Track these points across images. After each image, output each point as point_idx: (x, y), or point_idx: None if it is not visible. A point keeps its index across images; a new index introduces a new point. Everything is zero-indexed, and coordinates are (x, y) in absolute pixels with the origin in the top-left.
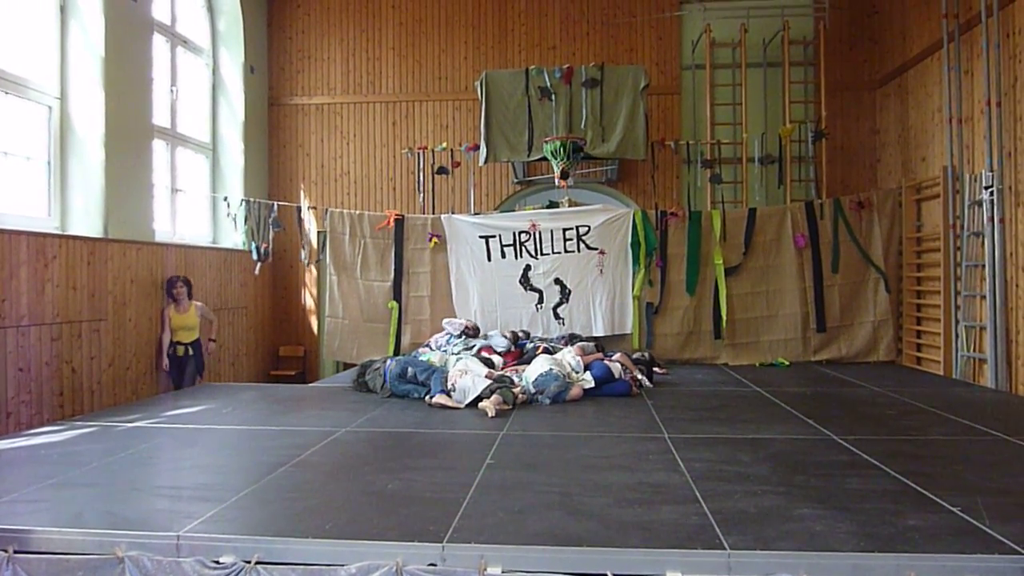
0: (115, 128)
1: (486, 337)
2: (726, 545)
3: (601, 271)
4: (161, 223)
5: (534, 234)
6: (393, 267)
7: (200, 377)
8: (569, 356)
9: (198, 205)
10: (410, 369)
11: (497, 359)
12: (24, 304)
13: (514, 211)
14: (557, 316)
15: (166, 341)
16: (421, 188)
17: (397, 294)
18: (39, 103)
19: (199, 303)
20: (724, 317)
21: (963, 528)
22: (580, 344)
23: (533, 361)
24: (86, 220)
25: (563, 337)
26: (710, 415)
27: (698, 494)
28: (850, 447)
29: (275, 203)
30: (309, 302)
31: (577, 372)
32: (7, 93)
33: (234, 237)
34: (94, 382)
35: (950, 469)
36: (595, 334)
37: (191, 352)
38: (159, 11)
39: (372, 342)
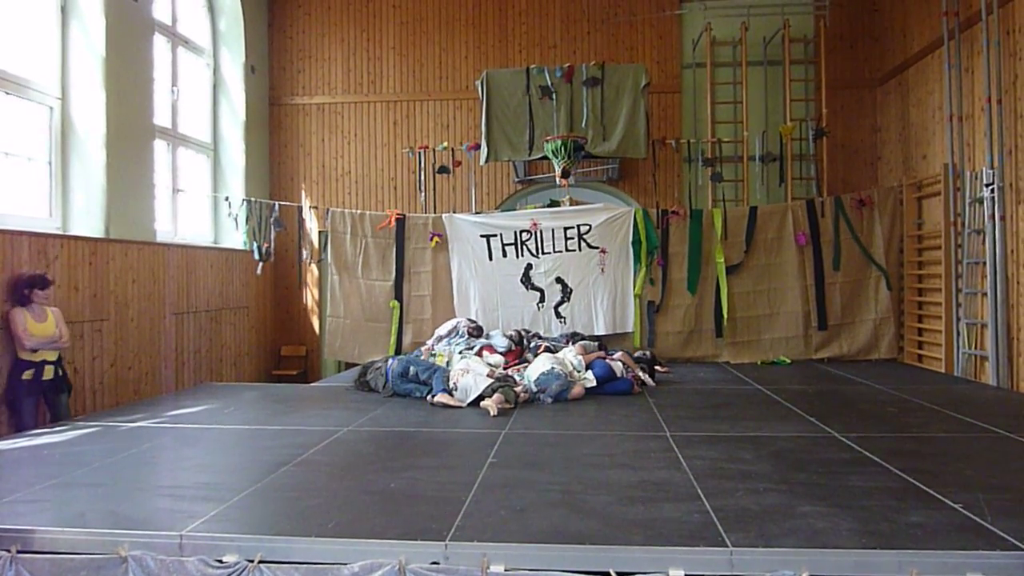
0: (116, 128)
1: (487, 336)
2: (728, 542)
3: (602, 270)
4: (162, 223)
5: (535, 233)
6: (394, 266)
7: (68, 401)
8: (571, 355)
9: (199, 205)
10: (412, 368)
11: (499, 358)
12: None
13: (515, 210)
14: (558, 315)
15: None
16: (422, 187)
17: (398, 293)
18: (40, 104)
19: (54, 309)
20: (725, 315)
21: (965, 525)
22: (582, 343)
23: (535, 360)
24: (87, 220)
25: (565, 336)
26: (712, 413)
27: (700, 492)
28: (852, 444)
29: (276, 203)
30: (310, 302)
31: (579, 371)
32: (8, 94)
33: (235, 237)
34: (96, 382)
35: (952, 466)
36: (596, 333)
37: (60, 372)
38: (160, 11)
39: (373, 341)
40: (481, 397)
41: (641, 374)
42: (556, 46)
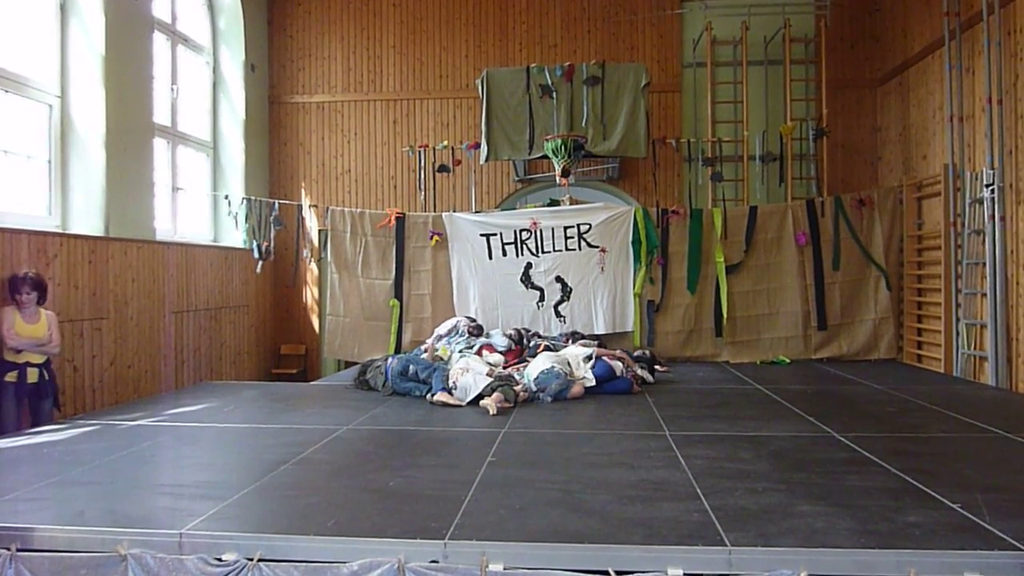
0: (116, 126)
1: (487, 335)
2: (727, 542)
3: (602, 269)
4: (162, 222)
5: (535, 232)
6: (394, 265)
7: (57, 410)
8: (577, 349)
9: (199, 203)
10: (412, 367)
11: (499, 357)
12: None
13: (515, 209)
14: (558, 314)
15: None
16: (422, 186)
17: (398, 292)
18: (40, 102)
19: (50, 312)
20: (725, 315)
21: (963, 525)
22: (582, 342)
23: (534, 359)
24: (87, 219)
25: (564, 335)
26: (711, 412)
27: (699, 491)
28: (851, 444)
29: (276, 201)
30: (310, 300)
31: (588, 360)
32: (8, 92)
33: (235, 235)
34: (96, 380)
35: (950, 466)
36: (596, 332)
37: (46, 377)
38: (159, 9)
39: (373, 340)
40: (480, 396)
41: (640, 371)
42: (556, 45)
